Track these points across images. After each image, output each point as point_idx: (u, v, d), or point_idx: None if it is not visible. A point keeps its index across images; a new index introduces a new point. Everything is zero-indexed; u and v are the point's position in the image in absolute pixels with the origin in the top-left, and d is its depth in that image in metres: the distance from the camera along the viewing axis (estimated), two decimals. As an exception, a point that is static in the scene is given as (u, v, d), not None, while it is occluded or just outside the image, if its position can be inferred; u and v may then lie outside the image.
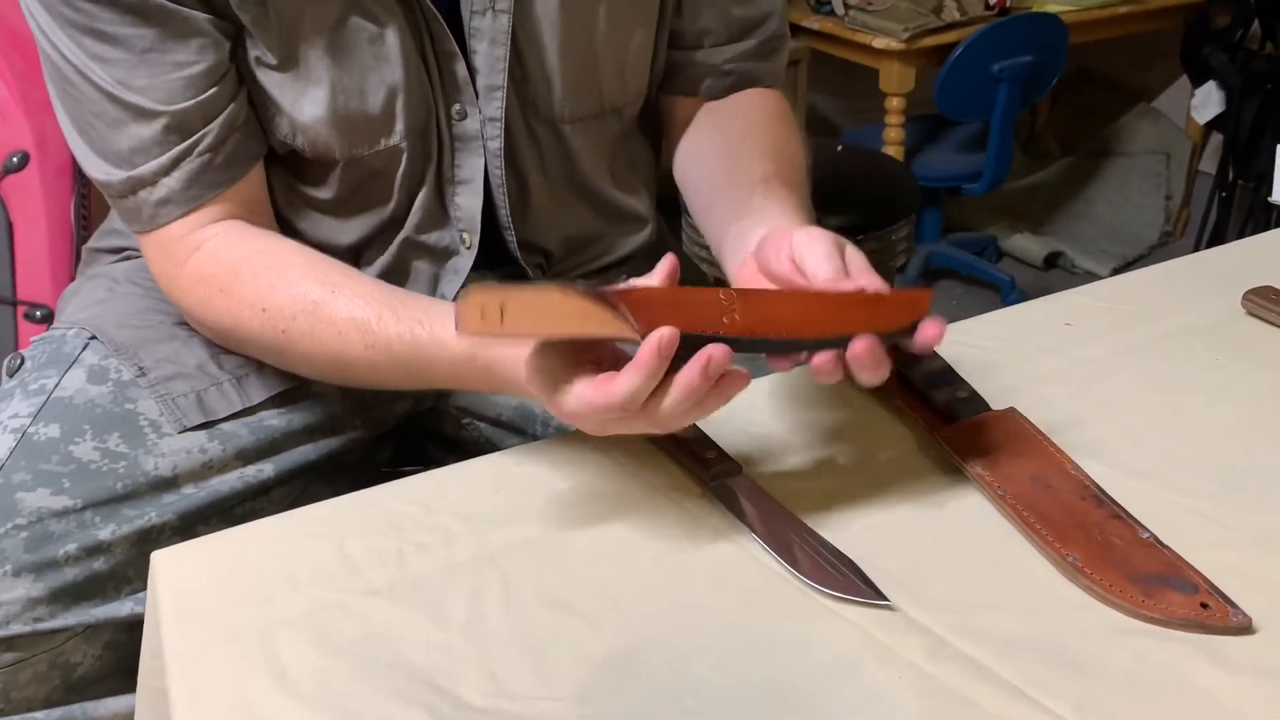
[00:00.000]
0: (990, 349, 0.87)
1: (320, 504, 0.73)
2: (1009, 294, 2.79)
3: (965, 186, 2.66)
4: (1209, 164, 3.03)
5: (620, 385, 0.62)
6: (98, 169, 0.80)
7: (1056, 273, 3.01)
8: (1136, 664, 0.59)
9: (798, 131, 0.96)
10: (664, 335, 0.61)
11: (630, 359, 0.62)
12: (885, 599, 0.63)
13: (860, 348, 0.64)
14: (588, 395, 0.63)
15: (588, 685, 0.59)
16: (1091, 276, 2.90)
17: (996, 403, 0.78)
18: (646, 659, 0.61)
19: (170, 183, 0.79)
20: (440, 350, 0.73)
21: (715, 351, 0.61)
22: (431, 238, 0.90)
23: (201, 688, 0.60)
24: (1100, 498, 0.69)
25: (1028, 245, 3.05)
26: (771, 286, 0.72)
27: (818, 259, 0.69)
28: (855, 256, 0.71)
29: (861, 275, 0.69)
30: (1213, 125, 2.84)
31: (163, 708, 0.63)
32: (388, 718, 0.58)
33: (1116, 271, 2.91)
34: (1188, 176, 3.14)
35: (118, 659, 0.79)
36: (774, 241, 0.72)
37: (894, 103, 2.55)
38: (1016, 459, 0.72)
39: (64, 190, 1.63)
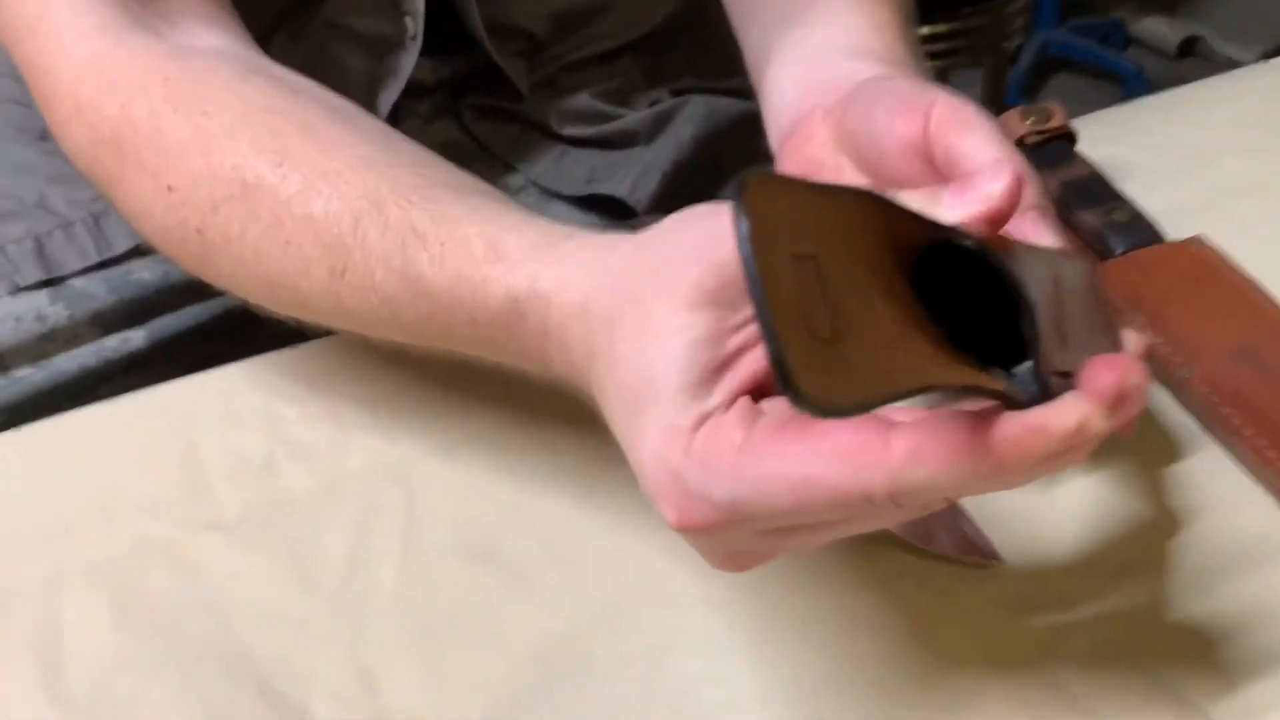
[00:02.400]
0: (1154, 149, 0.62)
1: (165, 385, 0.51)
2: (1136, 86, 2.50)
3: (1091, -45, 2.36)
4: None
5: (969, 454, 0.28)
6: None
7: (1193, 61, 2.72)
8: None
9: None
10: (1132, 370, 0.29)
11: None
12: (994, 556, 0.40)
13: None
14: (823, 462, 0.29)
15: (512, 693, 0.38)
16: (1234, 65, 2.57)
17: (1172, 229, 0.53)
18: (611, 647, 0.39)
19: None
20: (458, 288, 0.39)
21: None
22: (362, 21, 0.64)
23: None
24: (1343, 384, 0.45)
25: (1159, 29, 2.78)
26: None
27: (986, 145, 0.37)
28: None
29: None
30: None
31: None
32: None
33: (1265, 58, 2.58)
34: (1360, -60, 2.76)
35: None
36: (895, 102, 0.41)
37: None
38: (1209, 319, 0.49)
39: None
